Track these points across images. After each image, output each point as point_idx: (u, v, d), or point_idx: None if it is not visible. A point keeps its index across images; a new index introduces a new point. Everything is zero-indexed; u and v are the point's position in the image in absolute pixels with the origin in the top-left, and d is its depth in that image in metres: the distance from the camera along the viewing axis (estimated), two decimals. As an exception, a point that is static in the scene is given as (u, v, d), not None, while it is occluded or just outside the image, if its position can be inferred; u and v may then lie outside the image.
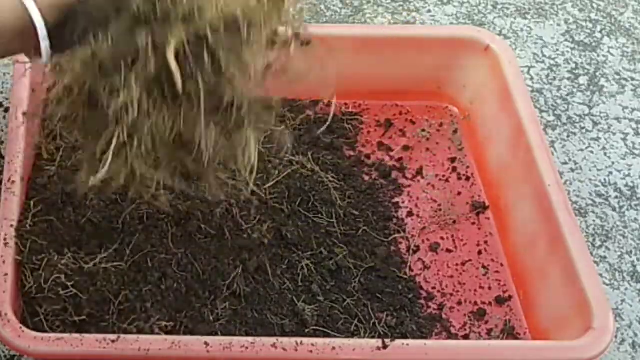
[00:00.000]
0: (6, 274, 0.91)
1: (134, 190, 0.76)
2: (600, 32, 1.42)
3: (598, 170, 1.22)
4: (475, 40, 1.19)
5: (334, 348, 0.88)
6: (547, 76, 1.34)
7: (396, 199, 1.13)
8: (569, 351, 0.91)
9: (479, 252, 1.10)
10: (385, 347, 0.89)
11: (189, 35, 0.67)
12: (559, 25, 1.42)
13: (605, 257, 1.12)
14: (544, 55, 1.37)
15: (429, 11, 1.42)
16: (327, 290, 1.00)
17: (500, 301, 1.05)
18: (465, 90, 1.23)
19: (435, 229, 1.11)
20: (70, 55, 0.68)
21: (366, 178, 1.15)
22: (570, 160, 1.23)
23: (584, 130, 1.27)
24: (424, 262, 1.08)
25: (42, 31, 0.65)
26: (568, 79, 1.34)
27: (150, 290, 0.95)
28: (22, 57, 1.08)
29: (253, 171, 0.76)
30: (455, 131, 1.23)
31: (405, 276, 1.04)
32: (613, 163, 1.23)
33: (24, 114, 1.02)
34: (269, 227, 1.02)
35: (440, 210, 1.13)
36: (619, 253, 1.13)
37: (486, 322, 1.03)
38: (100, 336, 0.86)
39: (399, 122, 1.23)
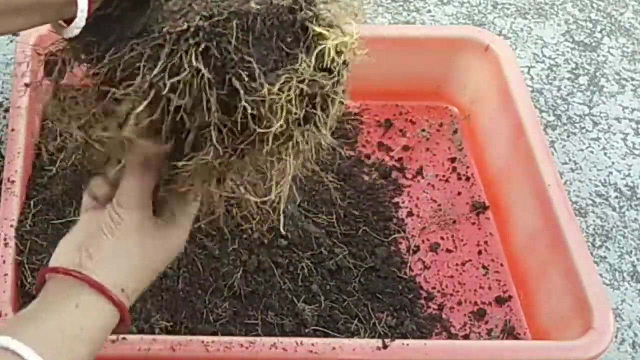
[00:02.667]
0: (6, 274, 0.91)
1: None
2: (600, 32, 1.42)
3: (598, 170, 1.22)
4: (475, 40, 1.19)
5: (334, 348, 0.88)
6: (547, 76, 1.34)
7: (396, 199, 1.13)
8: (569, 351, 0.91)
9: (479, 252, 1.10)
10: (385, 347, 0.89)
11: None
12: (559, 25, 1.42)
13: (605, 257, 1.12)
14: (544, 55, 1.37)
15: (429, 11, 1.42)
16: (327, 290, 1.00)
17: (500, 301, 1.05)
18: (465, 90, 1.23)
19: (435, 229, 1.11)
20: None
21: (366, 178, 1.15)
22: (570, 160, 1.23)
23: (584, 130, 1.27)
24: (424, 262, 1.08)
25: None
26: (568, 79, 1.34)
27: (150, 290, 0.95)
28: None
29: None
30: (455, 131, 1.23)
31: (405, 276, 1.04)
32: (613, 163, 1.23)
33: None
34: (269, 227, 1.02)
35: (440, 210, 1.13)
36: (619, 253, 1.13)
37: (486, 322, 1.03)
38: (100, 336, 0.86)
39: (399, 122, 1.23)
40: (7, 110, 1.18)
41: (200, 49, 0.59)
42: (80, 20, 0.62)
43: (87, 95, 0.64)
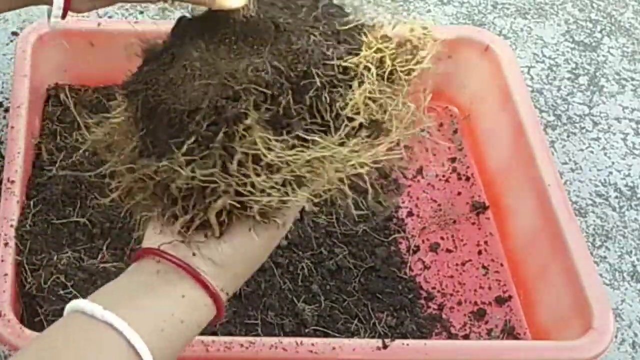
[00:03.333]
0: (6, 274, 0.91)
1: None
2: (600, 32, 1.42)
3: (598, 170, 1.22)
4: (475, 40, 1.19)
5: (334, 348, 0.88)
6: (547, 76, 1.34)
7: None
8: (569, 351, 0.91)
9: (479, 252, 1.10)
10: (385, 347, 0.89)
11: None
12: (559, 25, 1.42)
13: (605, 257, 1.12)
14: (544, 55, 1.37)
15: (429, 11, 1.42)
16: (327, 290, 1.00)
17: (500, 301, 1.05)
18: (465, 90, 1.23)
19: (435, 229, 1.11)
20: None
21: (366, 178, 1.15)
22: (570, 160, 1.23)
23: (584, 130, 1.27)
24: (424, 262, 1.08)
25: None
26: (568, 79, 1.34)
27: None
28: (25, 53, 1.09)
29: None
30: (455, 131, 1.23)
31: (405, 276, 1.04)
32: (613, 163, 1.23)
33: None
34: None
35: (440, 210, 1.13)
36: (619, 253, 1.13)
37: (486, 322, 1.03)
38: (100, 336, 0.86)
39: (399, 122, 1.23)
40: (7, 110, 1.18)
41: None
42: (55, 16, 0.63)
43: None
